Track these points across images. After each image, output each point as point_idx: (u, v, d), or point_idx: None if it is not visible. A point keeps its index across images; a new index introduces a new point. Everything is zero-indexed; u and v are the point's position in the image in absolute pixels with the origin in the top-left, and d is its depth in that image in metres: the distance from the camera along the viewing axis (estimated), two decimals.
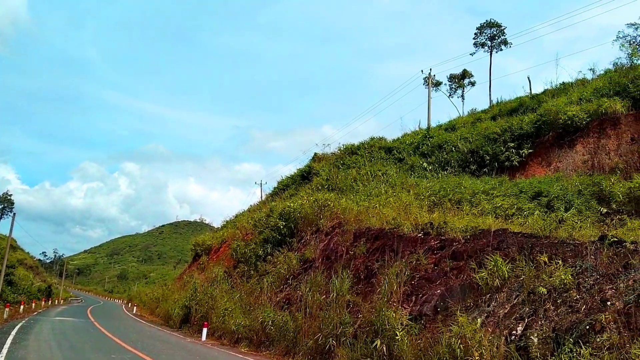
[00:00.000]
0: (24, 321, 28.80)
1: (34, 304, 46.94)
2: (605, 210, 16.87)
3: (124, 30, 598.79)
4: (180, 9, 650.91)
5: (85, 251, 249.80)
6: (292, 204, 26.78)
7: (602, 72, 30.40)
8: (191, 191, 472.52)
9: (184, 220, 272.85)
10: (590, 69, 31.97)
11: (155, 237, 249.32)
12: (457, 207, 19.44)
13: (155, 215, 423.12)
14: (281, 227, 25.95)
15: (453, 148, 29.86)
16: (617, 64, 29.61)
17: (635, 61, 27.83)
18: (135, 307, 56.86)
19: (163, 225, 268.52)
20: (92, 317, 37.92)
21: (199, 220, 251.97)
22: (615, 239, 10.88)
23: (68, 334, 22.31)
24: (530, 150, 25.62)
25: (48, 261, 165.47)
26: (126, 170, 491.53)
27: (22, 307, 39.48)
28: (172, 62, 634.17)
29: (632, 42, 31.36)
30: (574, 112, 24.20)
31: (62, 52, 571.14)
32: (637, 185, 17.19)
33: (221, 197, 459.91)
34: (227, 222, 52.68)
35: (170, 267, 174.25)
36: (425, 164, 30.22)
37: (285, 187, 43.57)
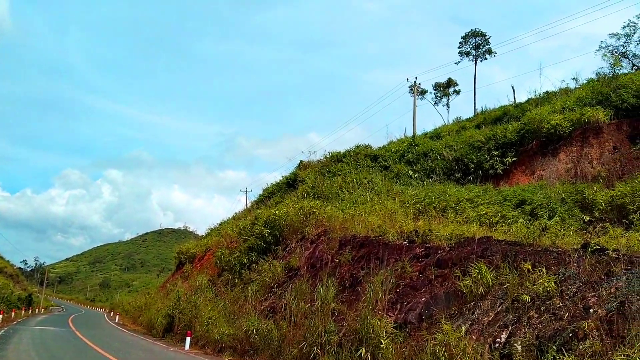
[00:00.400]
0: (2, 331, 28.27)
1: (13, 313, 46.12)
2: (588, 218, 17.02)
3: (109, 35, 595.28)
4: (166, 15, 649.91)
5: (66, 259, 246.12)
6: (277, 212, 26.64)
7: (585, 81, 30.82)
8: (175, 198, 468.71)
9: (167, 228, 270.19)
10: (574, 78, 32.45)
11: (138, 245, 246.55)
12: (442, 215, 19.51)
13: (139, 222, 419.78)
14: (266, 235, 25.79)
15: (438, 156, 30.02)
16: (599, 73, 30.10)
17: (617, 71, 28.29)
18: (117, 316, 56.09)
19: (146, 233, 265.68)
20: (73, 326, 37.31)
21: (183, 228, 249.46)
22: (598, 247, 10.96)
23: (48, 344, 21.91)
24: (514, 159, 25.83)
25: (29, 269, 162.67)
26: (109, 177, 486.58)
27: (1, 316, 38.65)
28: (157, 68, 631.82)
29: (614, 52, 31.98)
30: (558, 121, 24.46)
31: (45, 57, 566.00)
32: (620, 193, 17.38)
33: (206, 204, 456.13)
34: (211, 229, 52.41)
35: (154, 275, 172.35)
36: (410, 172, 30.34)
37: (270, 195, 43.47)
